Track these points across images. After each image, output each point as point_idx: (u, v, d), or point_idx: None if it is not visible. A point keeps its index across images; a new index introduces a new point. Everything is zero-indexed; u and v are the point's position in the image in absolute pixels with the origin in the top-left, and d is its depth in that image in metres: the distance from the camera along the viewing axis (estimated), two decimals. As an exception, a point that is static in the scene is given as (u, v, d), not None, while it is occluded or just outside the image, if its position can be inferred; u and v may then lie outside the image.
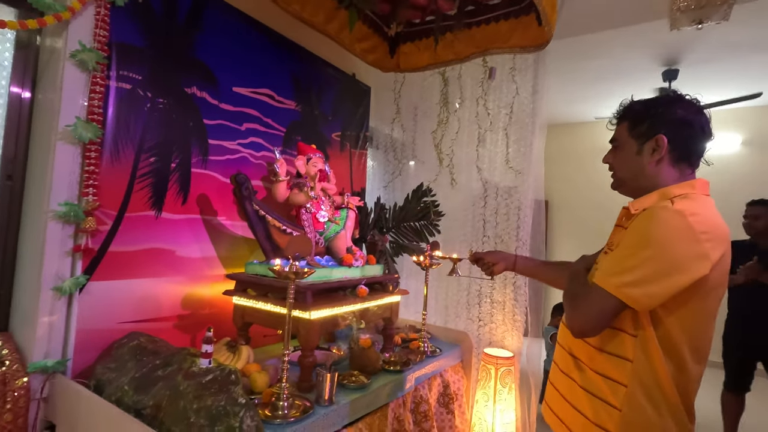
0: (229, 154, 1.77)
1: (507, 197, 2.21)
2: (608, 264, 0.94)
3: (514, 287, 2.19)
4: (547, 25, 1.81)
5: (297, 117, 2.10)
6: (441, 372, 1.98)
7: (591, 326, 0.92)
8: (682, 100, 0.98)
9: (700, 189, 0.94)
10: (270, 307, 1.49)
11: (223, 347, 1.50)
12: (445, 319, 2.44)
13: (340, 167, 2.43)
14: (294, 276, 1.23)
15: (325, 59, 2.29)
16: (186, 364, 1.16)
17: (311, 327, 1.41)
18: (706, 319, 0.91)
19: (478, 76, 2.30)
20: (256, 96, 1.87)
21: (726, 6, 2.27)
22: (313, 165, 1.71)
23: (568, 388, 1.03)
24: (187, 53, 1.61)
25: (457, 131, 2.37)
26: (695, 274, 0.84)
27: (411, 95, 2.56)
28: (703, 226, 0.84)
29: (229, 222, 1.78)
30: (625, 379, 0.91)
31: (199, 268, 1.66)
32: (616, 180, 1.08)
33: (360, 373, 1.55)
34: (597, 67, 3.80)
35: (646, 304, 0.87)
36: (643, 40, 3.27)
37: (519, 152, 2.17)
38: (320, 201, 1.71)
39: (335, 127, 2.37)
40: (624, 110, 1.05)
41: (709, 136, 0.97)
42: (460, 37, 2.19)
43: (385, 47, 2.40)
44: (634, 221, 0.93)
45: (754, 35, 3.09)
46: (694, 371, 0.91)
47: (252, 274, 1.59)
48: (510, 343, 2.20)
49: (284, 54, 2.03)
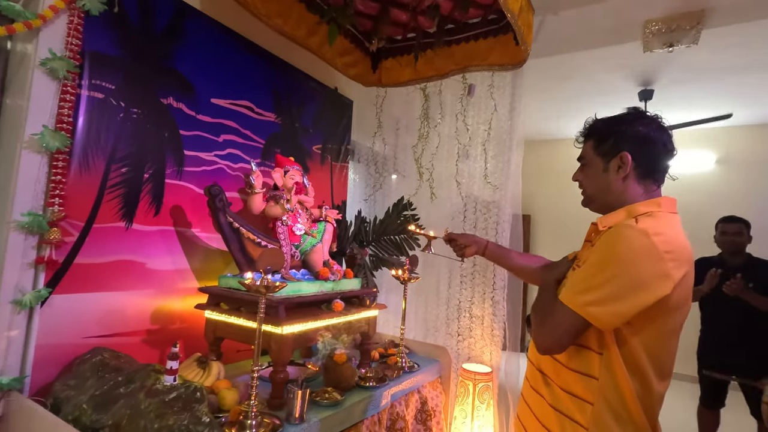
0: (206, 165, 1.75)
1: (486, 212, 2.23)
2: (574, 281, 0.94)
3: (493, 302, 2.19)
4: (523, 44, 1.86)
5: (277, 129, 2.10)
6: (419, 388, 1.95)
7: (556, 343, 0.92)
8: (643, 117, 1.00)
9: (665, 207, 0.96)
10: (243, 322, 1.46)
11: (193, 363, 1.46)
12: (424, 333, 2.43)
13: (321, 180, 2.42)
14: (265, 290, 1.21)
15: (307, 73, 2.30)
16: (149, 381, 1.12)
17: (284, 342, 1.39)
18: (669, 338, 0.92)
19: (457, 92, 2.34)
20: (234, 108, 1.87)
21: (695, 30, 2.37)
22: (291, 177, 1.70)
23: (538, 404, 1.02)
24: (164, 64, 1.60)
25: (437, 146, 2.39)
26: (658, 293, 0.84)
27: (393, 110, 2.59)
28: (667, 245, 0.85)
29: (204, 234, 1.75)
30: (591, 397, 0.91)
31: (170, 280, 1.62)
32: (585, 197, 1.09)
33: (334, 390, 1.52)
34: (576, 86, 3.91)
35: (610, 323, 0.87)
36: (618, 61, 3.38)
37: (497, 167, 2.20)
38: (297, 214, 1.70)
39: (316, 139, 2.37)
40: (589, 128, 1.07)
41: (671, 152, 0.99)
42: (441, 54, 2.23)
43: (367, 62, 2.43)
44: (600, 239, 0.94)
45: (723, 58, 3.22)
46: (658, 389, 0.92)
47: (225, 288, 1.56)
48: (488, 358, 2.19)
49: (265, 66, 2.03)
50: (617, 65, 3.45)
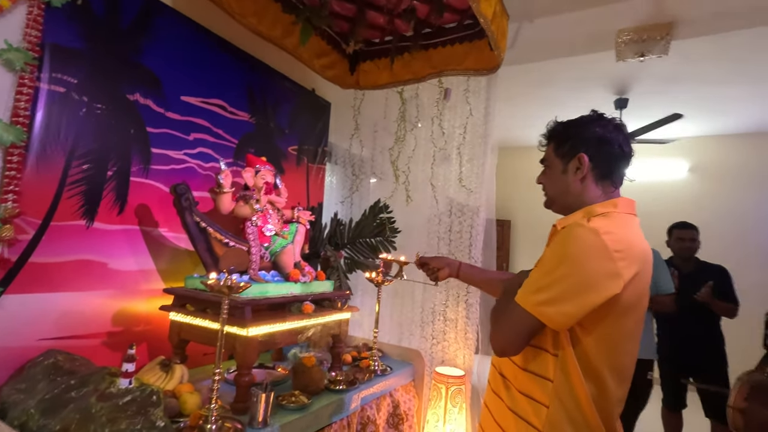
0: (175, 163, 1.71)
1: (460, 215, 2.24)
2: (527, 282, 0.94)
3: (467, 305, 2.20)
4: (497, 49, 1.88)
5: (251, 129, 2.07)
6: (391, 391, 1.94)
7: (509, 344, 0.91)
8: (601, 119, 1.01)
9: (622, 207, 0.96)
10: (208, 324, 1.43)
11: (156, 366, 1.42)
12: (399, 337, 2.41)
13: (297, 181, 2.40)
14: (228, 290, 1.18)
15: (284, 73, 2.28)
16: (103, 385, 1.08)
17: (249, 344, 1.36)
18: (624, 339, 0.92)
19: (434, 95, 2.35)
20: (206, 106, 1.84)
21: (665, 41, 2.44)
22: (261, 177, 1.67)
23: (497, 407, 1.02)
24: (132, 59, 1.56)
25: (414, 149, 2.40)
26: (607, 292, 0.84)
27: (370, 112, 2.59)
28: (617, 244, 0.85)
29: (171, 234, 1.71)
30: (546, 400, 0.90)
31: (134, 281, 1.57)
32: (547, 199, 1.10)
33: (301, 393, 1.50)
34: (553, 93, 3.97)
35: (561, 323, 0.87)
36: (594, 70, 3.45)
37: (472, 172, 2.22)
38: (267, 214, 1.68)
39: (292, 140, 2.35)
40: (549, 131, 1.08)
41: (628, 153, 1.00)
42: (418, 57, 2.24)
43: (344, 64, 2.42)
44: (554, 239, 0.95)
45: (694, 69, 3.32)
46: (616, 393, 0.91)
47: (191, 289, 1.52)
48: (462, 361, 2.19)
49: (239, 65, 2.01)
50: (592, 74, 3.52)
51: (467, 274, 1.43)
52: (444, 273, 1.43)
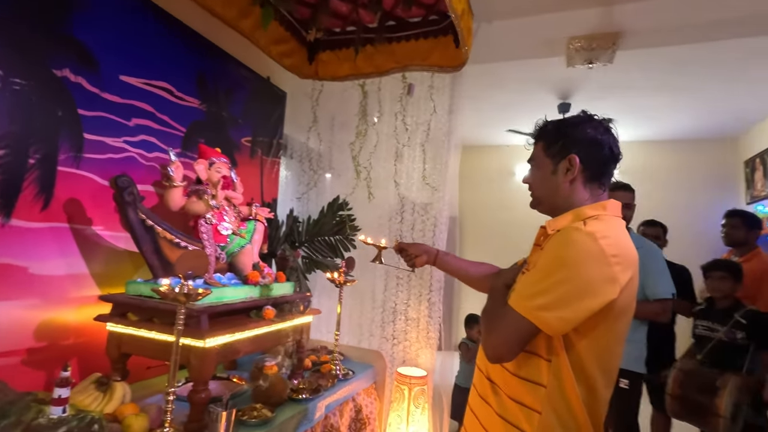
0: (112, 152, 1.50)
1: (423, 213, 2.22)
2: (523, 286, 0.92)
3: (429, 303, 2.18)
4: (464, 47, 1.87)
5: (200, 117, 1.88)
6: (353, 396, 1.87)
7: (505, 350, 0.89)
8: (591, 120, 1.00)
9: (611, 210, 0.96)
10: (155, 335, 1.26)
11: (91, 386, 1.23)
12: (359, 338, 2.35)
13: (250, 175, 2.23)
14: (185, 298, 1.04)
15: (238, 58, 2.11)
16: (29, 415, 0.90)
17: (206, 356, 1.22)
18: (615, 343, 0.93)
19: (397, 91, 2.30)
20: (149, 88, 1.63)
21: (611, 50, 2.58)
22: (216, 170, 1.52)
23: (485, 414, 0.99)
24: (60, 30, 1.33)
25: (376, 145, 2.33)
26: (605, 297, 0.84)
27: (329, 104, 2.48)
28: (614, 249, 0.85)
29: (108, 233, 1.50)
30: (538, 406, 0.89)
31: (62, 288, 1.35)
32: (534, 198, 1.08)
33: (263, 406, 1.38)
34: (505, 95, 4.09)
35: (559, 328, 0.85)
36: (544, 74, 3.59)
37: (435, 169, 2.20)
38: (223, 211, 1.53)
39: (245, 131, 2.18)
40: (539, 130, 1.06)
41: (617, 155, 1.00)
42: (381, 50, 2.17)
43: (303, 53, 2.29)
44: (549, 242, 0.93)
45: (630, 79, 3.57)
46: (604, 394, 0.92)
47: (134, 296, 1.34)
48: (424, 360, 2.17)
49: (188, 46, 1.81)
50: (543, 78, 3.67)
51: (444, 262, 1.40)
52: (422, 260, 1.40)
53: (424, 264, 1.41)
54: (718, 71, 3.34)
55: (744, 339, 2.02)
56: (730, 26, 2.47)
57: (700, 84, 3.60)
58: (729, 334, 2.06)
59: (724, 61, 3.17)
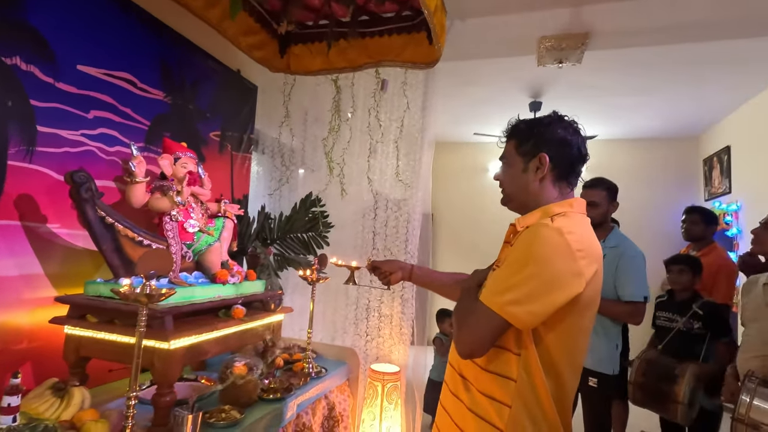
0: (69, 146, 1.43)
1: (397, 210, 2.21)
2: (494, 282, 0.94)
3: (402, 300, 2.19)
4: (437, 43, 1.86)
5: (165, 109, 1.81)
6: (326, 393, 1.86)
7: (477, 346, 0.90)
8: (562, 120, 1.03)
9: (577, 208, 0.99)
10: (117, 338, 1.21)
11: (47, 391, 1.18)
12: (332, 335, 2.33)
13: (219, 171, 2.17)
14: (147, 299, 1.00)
15: (205, 50, 2.04)
16: (-26, 426, 0.85)
17: (171, 359, 1.18)
18: (581, 335, 0.96)
19: (370, 86, 2.28)
20: (110, 79, 1.56)
21: (580, 51, 2.64)
22: (182, 165, 1.47)
23: (457, 410, 1.00)
24: (10, 15, 1.25)
25: (349, 140, 2.31)
26: (572, 291, 0.86)
27: (302, 99, 2.43)
28: (579, 243, 0.88)
29: (65, 231, 1.43)
30: (509, 400, 0.91)
31: (12, 289, 1.28)
32: (504, 196, 1.10)
33: (232, 407, 1.35)
34: (478, 93, 4.13)
35: (529, 322, 0.87)
36: (516, 73, 3.64)
37: (409, 166, 2.20)
38: (189, 208, 1.48)
39: (214, 125, 2.12)
40: (512, 129, 1.07)
41: (585, 156, 1.03)
42: (354, 45, 2.15)
43: (274, 45, 2.24)
44: (518, 239, 0.95)
45: (598, 79, 3.67)
46: (571, 385, 0.95)
47: (94, 297, 1.28)
48: (397, 357, 2.18)
49: (153, 37, 1.74)
50: (515, 76, 3.72)
51: (419, 276, 1.40)
52: (397, 276, 1.39)
53: (399, 281, 1.40)
54: (680, 73, 3.48)
55: (701, 329, 2.12)
56: (692, 30, 2.58)
57: (664, 85, 3.75)
58: (687, 324, 2.16)
59: (686, 63, 3.31)
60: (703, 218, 2.84)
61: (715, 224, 2.92)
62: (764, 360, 1.69)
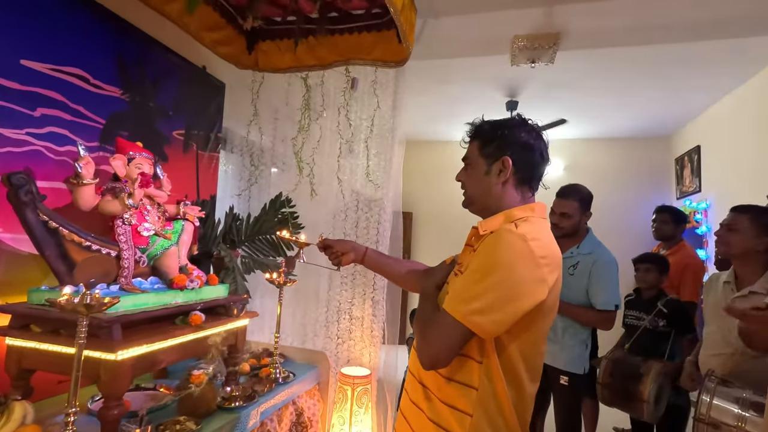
0: (13, 145, 1.35)
1: (367, 210, 2.18)
2: (457, 290, 0.92)
3: (373, 302, 2.16)
4: (405, 42, 1.84)
5: (123, 107, 1.74)
6: (294, 399, 1.82)
7: (443, 357, 0.88)
8: (525, 124, 1.02)
9: (538, 212, 0.99)
10: (62, 349, 1.15)
11: (-15, 407, 1.11)
12: (302, 338, 2.29)
13: (184, 171, 2.10)
14: (86, 309, 0.95)
15: (168, 45, 1.96)
16: None
17: (118, 370, 1.12)
18: (541, 341, 0.95)
19: (341, 84, 2.24)
20: (59, 75, 1.48)
21: (552, 51, 2.65)
22: (136, 166, 1.40)
23: (417, 419, 0.98)
24: (-59, 4, 1.17)
25: (319, 140, 2.26)
26: (536, 298, 0.85)
27: (271, 97, 2.38)
28: (542, 250, 0.87)
29: (8, 235, 1.35)
30: (470, 408, 0.89)
31: (-51, 299, 1.20)
32: (466, 198, 1.08)
33: (188, 418, 1.30)
34: (454, 91, 4.13)
35: (492, 332, 0.86)
36: (491, 72, 3.65)
37: (379, 166, 2.17)
38: (144, 210, 1.41)
39: (177, 124, 2.04)
40: (475, 129, 1.06)
41: (546, 160, 1.02)
42: (323, 42, 2.10)
43: (241, 42, 2.18)
44: (481, 244, 0.93)
45: (572, 79, 3.71)
46: (530, 391, 0.94)
47: (38, 305, 1.21)
48: (368, 359, 2.15)
49: (107, 30, 1.66)
50: (490, 75, 3.73)
51: (373, 260, 1.36)
52: (349, 257, 1.34)
53: (350, 262, 1.35)
54: (652, 74, 3.54)
55: (665, 326, 2.16)
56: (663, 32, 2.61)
57: (636, 85, 3.80)
58: (653, 322, 2.19)
59: (658, 64, 3.36)
60: (673, 217, 2.89)
61: (684, 223, 2.98)
62: (724, 358, 1.72)
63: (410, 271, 1.31)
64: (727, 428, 1.50)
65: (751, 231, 1.69)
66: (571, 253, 2.09)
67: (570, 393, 2.05)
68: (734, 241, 1.73)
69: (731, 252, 1.76)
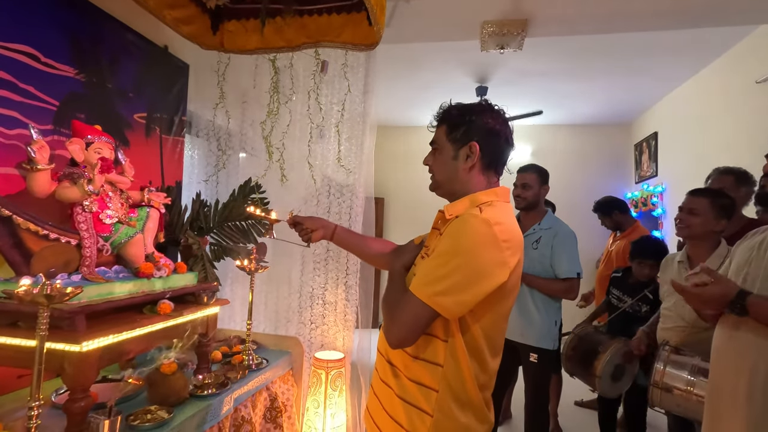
0: (-44, 128, 1.26)
1: (339, 195, 2.17)
2: (423, 272, 0.94)
3: (346, 287, 2.17)
4: (376, 24, 1.81)
5: (78, 88, 1.64)
6: (268, 385, 1.82)
7: (409, 336, 0.91)
8: (492, 110, 1.04)
9: (501, 196, 1.02)
10: (20, 342, 1.10)
11: (-62, 405, 1.05)
12: (275, 324, 2.28)
13: (147, 156, 2.02)
14: (47, 300, 0.91)
15: (125, 23, 1.86)
16: None
17: (84, 362, 1.09)
18: (502, 320, 0.99)
19: (310, 67, 2.19)
20: (5, 52, 1.38)
21: (520, 37, 2.68)
22: (95, 151, 1.34)
23: (387, 397, 1.01)
24: None
25: (289, 124, 2.22)
26: (497, 280, 0.89)
27: (238, 79, 2.30)
28: (505, 234, 0.90)
29: (-44, 224, 1.26)
30: (436, 384, 0.93)
31: None
32: (433, 182, 1.10)
33: (160, 407, 1.28)
34: (425, 76, 4.13)
35: (457, 312, 0.89)
36: (461, 57, 3.67)
37: (351, 151, 2.16)
38: (106, 197, 1.36)
39: (139, 106, 1.95)
40: (443, 114, 1.07)
41: (512, 146, 1.05)
42: (292, 24, 2.04)
43: (205, 20, 2.08)
44: (447, 228, 0.95)
45: (539, 65, 3.78)
46: (492, 366, 0.99)
47: (-8, 297, 1.15)
48: (341, 344, 2.18)
49: (59, 5, 1.56)
50: (461, 61, 3.74)
51: (342, 238, 1.38)
52: (318, 234, 1.35)
53: (320, 239, 1.37)
54: (614, 62, 3.66)
55: (648, 312, 2.24)
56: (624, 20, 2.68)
57: (600, 73, 3.92)
58: (634, 307, 2.30)
59: (620, 52, 3.47)
60: (607, 209, 3.11)
61: (626, 211, 3.19)
62: (678, 331, 1.85)
63: (378, 249, 1.33)
64: (679, 392, 1.63)
65: (711, 213, 1.78)
66: (533, 230, 2.23)
67: (539, 369, 2.15)
68: (695, 223, 1.82)
69: (692, 233, 1.85)
